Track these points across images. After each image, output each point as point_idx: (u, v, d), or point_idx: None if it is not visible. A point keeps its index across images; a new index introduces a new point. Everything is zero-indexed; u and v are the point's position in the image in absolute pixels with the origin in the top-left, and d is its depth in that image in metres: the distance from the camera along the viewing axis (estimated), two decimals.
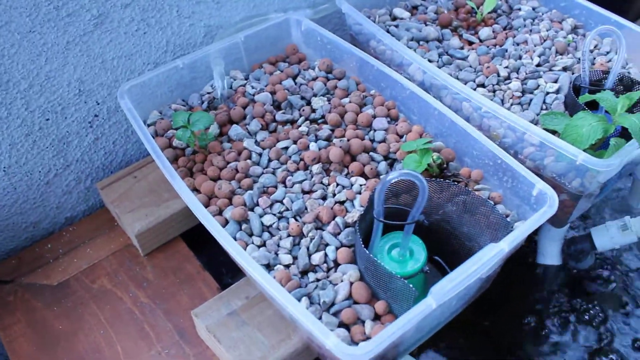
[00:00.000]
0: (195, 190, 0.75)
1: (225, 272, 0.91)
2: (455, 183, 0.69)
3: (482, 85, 0.88)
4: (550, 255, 1.06)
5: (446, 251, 0.71)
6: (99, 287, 0.89)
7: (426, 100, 0.80)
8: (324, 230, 0.70)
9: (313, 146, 0.77)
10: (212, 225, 0.66)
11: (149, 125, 0.84)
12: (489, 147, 0.73)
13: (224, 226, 0.71)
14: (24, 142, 0.86)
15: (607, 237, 1.00)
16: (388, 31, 0.98)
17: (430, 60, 0.92)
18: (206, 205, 0.73)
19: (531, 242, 1.02)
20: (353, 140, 0.77)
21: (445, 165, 0.76)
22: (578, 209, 0.84)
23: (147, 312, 0.85)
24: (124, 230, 0.95)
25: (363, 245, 0.63)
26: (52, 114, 0.86)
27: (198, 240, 0.95)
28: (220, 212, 0.72)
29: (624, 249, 1.05)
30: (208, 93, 0.88)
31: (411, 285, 0.58)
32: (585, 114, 0.75)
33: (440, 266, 0.70)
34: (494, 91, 0.87)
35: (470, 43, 0.97)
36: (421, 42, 0.96)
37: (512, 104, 0.85)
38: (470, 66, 0.91)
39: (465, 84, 0.88)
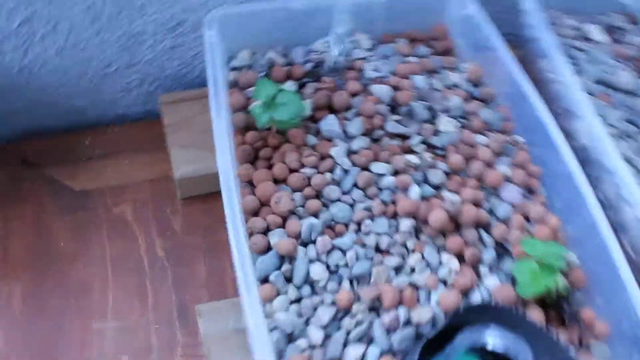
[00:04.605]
0: (250, 184, 0.59)
1: None
2: (566, 347, 0.50)
3: None
4: None
5: None
6: (118, 215, 0.77)
7: (580, 189, 0.58)
8: (378, 317, 0.53)
9: (414, 191, 0.58)
10: (240, 253, 0.50)
11: (232, 69, 0.66)
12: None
13: (261, 253, 0.55)
14: (89, 27, 0.70)
15: None
16: (570, 55, 0.74)
17: (605, 122, 0.68)
18: (254, 213, 0.57)
19: None
20: (467, 207, 0.57)
21: (566, 295, 0.56)
22: None
23: (157, 269, 0.73)
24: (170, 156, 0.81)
25: None
26: (127, 6, 0.69)
27: None
28: (265, 232, 0.56)
29: None
30: (316, 53, 0.69)
31: None
32: None
33: None
34: None
35: None
36: (606, 89, 0.71)
37: None
38: None
39: None
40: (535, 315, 0.53)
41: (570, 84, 0.67)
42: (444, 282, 0.55)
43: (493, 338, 0.46)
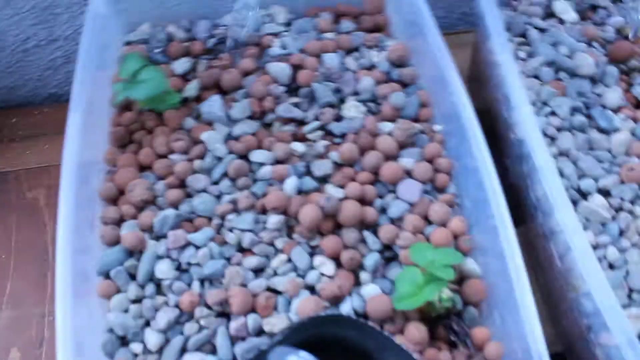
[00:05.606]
0: (113, 167, 0.53)
1: None
2: None
3: (607, 194, 0.54)
4: None
5: None
6: (31, 200, 0.73)
7: (485, 186, 0.49)
8: (228, 324, 0.46)
9: (290, 184, 0.50)
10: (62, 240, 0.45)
11: (127, 44, 0.61)
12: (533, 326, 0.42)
13: (111, 246, 0.49)
14: None
15: None
16: (524, 35, 0.64)
17: (554, 113, 0.58)
18: (113, 201, 0.51)
19: None
20: (348, 203, 0.49)
21: (457, 310, 0.47)
22: None
23: None
24: None
25: None
26: None
27: None
28: (118, 222, 0.50)
29: None
30: (224, 27, 0.62)
31: None
32: None
33: None
34: (618, 209, 0.53)
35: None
36: (561, 73, 0.60)
37: (632, 245, 0.52)
38: (610, 152, 0.56)
39: (580, 179, 0.54)
40: (414, 332, 0.45)
41: (508, 67, 0.57)
42: (312, 288, 0.48)
43: None
